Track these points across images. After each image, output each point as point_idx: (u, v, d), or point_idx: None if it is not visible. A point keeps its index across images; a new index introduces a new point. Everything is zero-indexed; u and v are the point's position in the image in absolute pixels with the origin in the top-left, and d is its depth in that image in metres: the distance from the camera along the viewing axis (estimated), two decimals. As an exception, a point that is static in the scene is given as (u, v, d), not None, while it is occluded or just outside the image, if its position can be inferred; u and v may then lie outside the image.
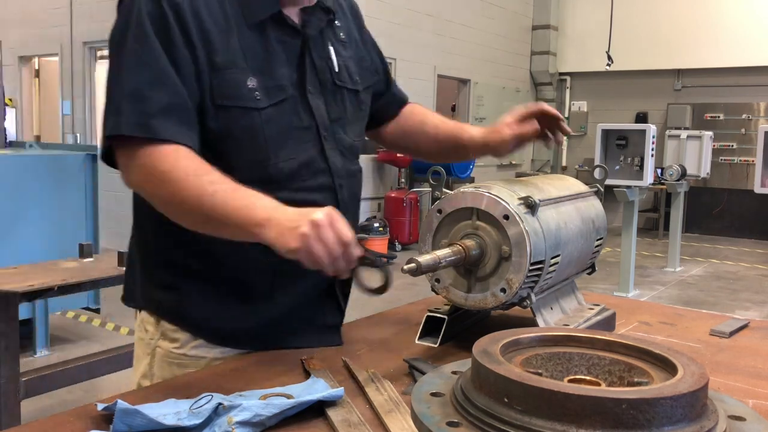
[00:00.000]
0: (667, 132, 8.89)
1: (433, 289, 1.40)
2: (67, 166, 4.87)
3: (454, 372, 0.84)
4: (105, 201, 6.83)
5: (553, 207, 1.43)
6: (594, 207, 1.60)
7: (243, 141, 1.32)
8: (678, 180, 7.92)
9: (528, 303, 1.35)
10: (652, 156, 6.78)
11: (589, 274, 1.67)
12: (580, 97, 12.86)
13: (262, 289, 1.39)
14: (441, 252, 1.26)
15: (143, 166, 1.23)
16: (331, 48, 1.47)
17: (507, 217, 1.29)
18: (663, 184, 8.57)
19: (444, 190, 1.41)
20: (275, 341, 1.42)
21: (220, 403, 1.01)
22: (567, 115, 12.90)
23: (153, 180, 1.23)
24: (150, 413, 0.99)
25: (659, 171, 8.60)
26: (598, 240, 1.59)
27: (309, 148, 1.39)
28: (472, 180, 9.60)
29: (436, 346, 1.42)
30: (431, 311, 1.46)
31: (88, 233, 4.90)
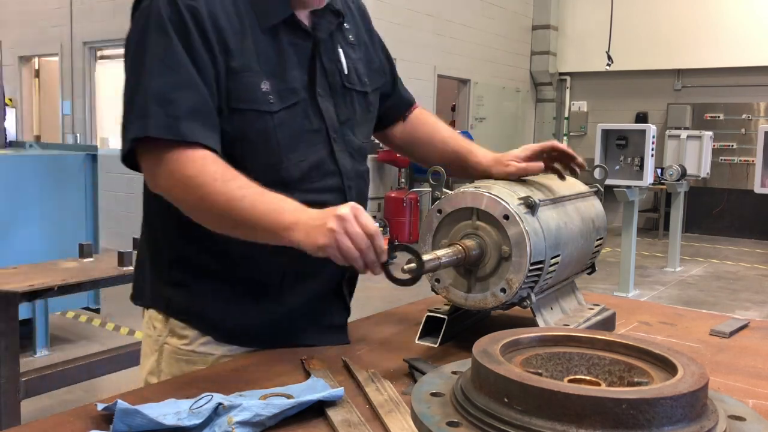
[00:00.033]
0: (667, 132, 8.88)
1: (433, 289, 1.40)
2: (67, 166, 4.87)
3: (454, 372, 0.84)
4: (105, 201, 6.83)
5: (553, 207, 1.43)
6: (594, 207, 1.60)
7: (256, 144, 1.33)
8: (678, 180, 7.92)
9: (528, 303, 1.35)
10: (652, 156, 6.77)
11: (589, 274, 1.67)
12: (580, 97, 12.85)
13: (272, 289, 1.41)
14: (441, 252, 1.26)
15: (171, 171, 1.24)
16: (341, 50, 1.48)
17: (507, 217, 1.29)
18: (663, 184, 8.57)
19: (444, 190, 1.41)
20: (284, 340, 1.43)
21: (220, 403, 1.01)
22: (567, 115, 12.89)
23: (181, 185, 1.24)
24: (150, 413, 0.99)
25: (659, 171, 8.59)
26: (598, 240, 1.59)
27: (319, 150, 1.40)
28: (472, 180, 9.58)
29: (436, 346, 1.42)
30: (431, 311, 1.46)
31: (88, 233, 4.90)
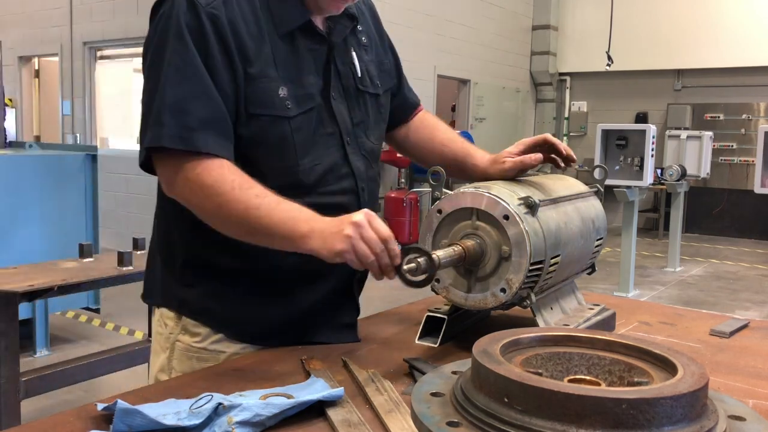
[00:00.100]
0: (667, 132, 8.88)
1: (433, 289, 1.40)
2: (67, 166, 4.87)
3: (454, 372, 0.84)
4: (105, 201, 6.83)
5: (553, 207, 1.43)
6: (594, 207, 1.60)
7: (273, 148, 1.34)
8: (678, 180, 7.92)
9: (528, 303, 1.35)
10: (652, 156, 6.77)
11: (589, 274, 1.67)
12: (580, 97, 12.84)
13: (286, 288, 1.42)
14: (441, 252, 1.26)
15: (189, 179, 1.25)
16: (354, 53, 1.48)
17: (507, 217, 1.29)
18: (663, 184, 8.56)
19: (444, 190, 1.41)
20: (296, 338, 1.44)
21: (220, 403, 1.01)
22: (567, 116, 12.89)
23: (199, 193, 1.26)
24: (150, 413, 0.99)
25: (659, 171, 8.59)
26: (598, 240, 1.59)
27: (333, 153, 1.41)
28: (471, 181, 9.57)
29: (436, 346, 1.42)
30: (431, 311, 1.46)
31: (88, 233, 4.90)
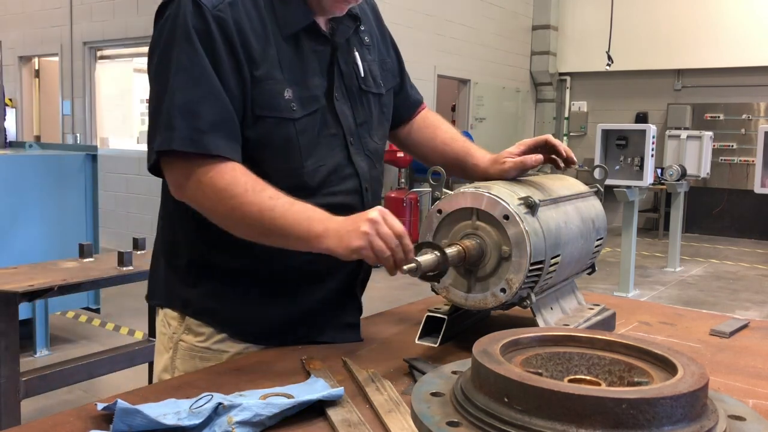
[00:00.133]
0: (667, 132, 8.88)
1: (433, 289, 1.40)
2: (67, 166, 4.87)
3: (454, 372, 0.84)
4: (105, 201, 6.83)
5: (553, 207, 1.43)
6: (594, 207, 1.60)
7: (278, 150, 1.34)
8: (678, 180, 7.91)
9: (528, 303, 1.35)
10: (652, 156, 6.77)
11: (589, 274, 1.67)
12: (580, 97, 12.84)
13: (290, 289, 1.42)
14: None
15: (201, 183, 1.26)
16: (357, 53, 1.49)
17: (507, 217, 1.29)
18: (663, 184, 8.56)
19: (444, 190, 1.41)
20: (298, 339, 1.44)
21: (220, 403, 1.01)
22: (567, 115, 12.88)
23: (212, 196, 1.26)
24: (150, 413, 0.99)
25: (659, 171, 8.59)
26: (598, 240, 1.59)
27: (336, 154, 1.42)
28: (472, 181, 9.57)
29: (436, 346, 1.42)
30: (431, 311, 1.46)
31: (88, 233, 4.89)
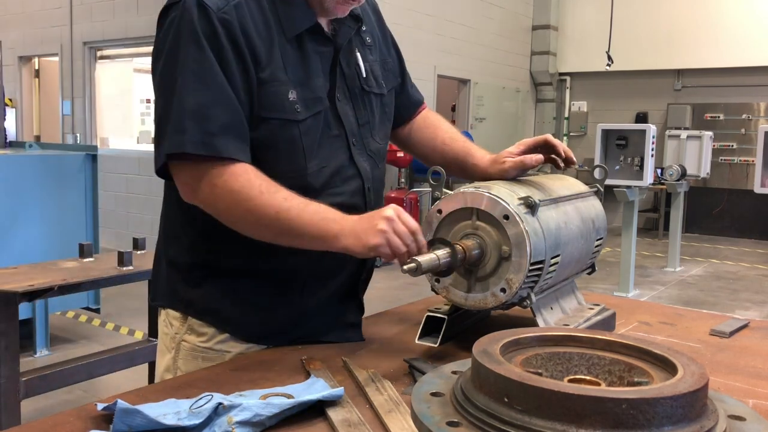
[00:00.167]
0: (667, 132, 8.87)
1: (433, 289, 1.40)
2: (67, 166, 4.87)
3: (454, 372, 0.84)
4: (105, 201, 6.83)
5: (553, 207, 1.43)
6: (594, 207, 1.60)
7: (282, 152, 1.35)
8: (678, 180, 7.91)
9: (528, 303, 1.35)
10: (652, 156, 6.77)
11: (589, 274, 1.67)
12: (580, 97, 12.83)
13: (293, 290, 1.42)
14: (441, 252, 1.26)
15: (216, 186, 1.26)
16: (359, 54, 1.49)
17: (507, 217, 1.29)
18: (663, 184, 8.55)
19: (444, 190, 1.41)
20: (301, 339, 1.45)
21: (220, 403, 1.01)
22: (567, 115, 12.88)
23: (228, 199, 1.26)
24: (150, 413, 0.99)
25: (659, 171, 8.59)
26: (598, 240, 1.59)
27: (339, 155, 1.42)
28: (472, 180, 9.57)
29: (436, 346, 1.42)
30: (431, 311, 1.46)
31: (88, 233, 4.89)
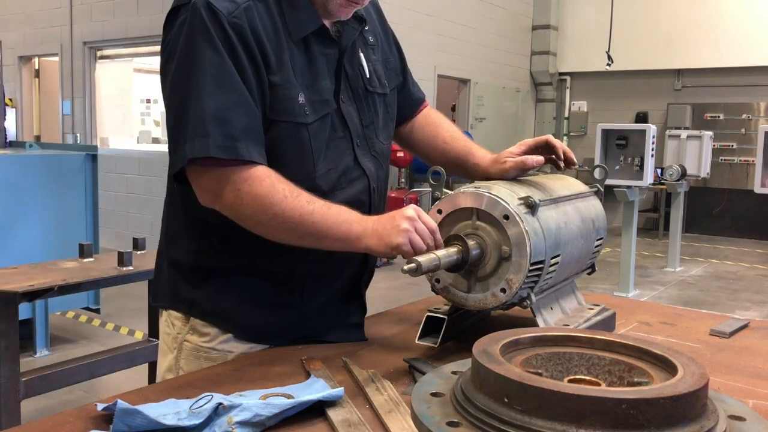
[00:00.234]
0: (667, 132, 8.87)
1: (433, 289, 1.40)
2: (67, 166, 4.87)
3: (454, 372, 0.84)
4: (105, 201, 6.83)
5: (553, 207, 1.43)
6: (594, 207, 1.60)
7: (291, 155, 1.35)
8: (678, 180, 7.91)
9: (528, 303, 1.35)
10: (652, 156, 6.77)
11: (589, 274, 1.67)
12: (580, 97, 12.83)
13: (295, 291, 1.43)
14: (441, 252, 1.26)
15: (240, 191, 1.26)
16: (362, 54, 1.49)
17: (507, 217, 1.29)
18: (663, 184, 8.55)
19: (444, 190, 1.41)
20: (303, 339, 1.45)
21: (220, 403, 1.01)
22: (567, 115, 12.88)
23: (253, 203, 1.26)
24: (150, 413, 0.99)
25: (659, 171, 8.59)
26: (598, 240, 1.59)
27: (345, 156, 1.42)
28: (472, 180, 9.57)
29: (436, 346, 1.42)
30: (431, 311, 1.46)
31: (88, 233, 4.89)
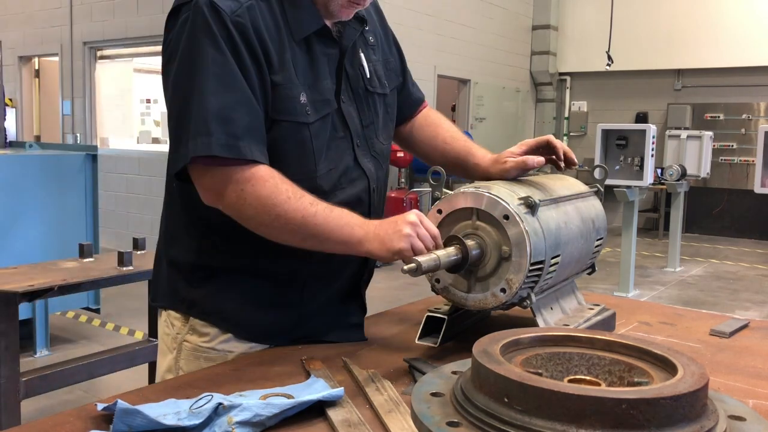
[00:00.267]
0: (667, 132, 8.87)
1: (433, 289, 1.40)
2: (67, 166, 4.87)
3: (454, 372, 0.84)
4: (105, 201, 6.83)
5: (553, 207, 1.43)
6: (594, 207, 1.60)
7: (293, 154, 1.35)
8: (678, 180, 7.91)
9: (528, 303, 1.35)
10: (652, 156, 6.77)
11: (589, 274, 1.67)
12: (580, 97, 12.83)
13: (296, 291, 1.43)
14: (441, 252, 1.26)
15: (243, 191, 1.26)
16: (362, 54, 1.49)
17: (507, 217, 1.29)
18: (663, 184, 8.55)
19: (444, 190, 1.41)
20: (304, 339, 1.45)
21: (220, 403, 1.01)
22: (567, 116, 12.88)
23: (256, 204, 1.26)
24: (150, 413, 0.99)
25: (659, 171, 8.59)
26: (598, 240, 1.59)
27: (345, 156, 1.43)
28: (472, 180, 9.57)
29: (436, 346, 1.42)
30: (431, 311, 1.46)
31: (88, 233, 4.89)
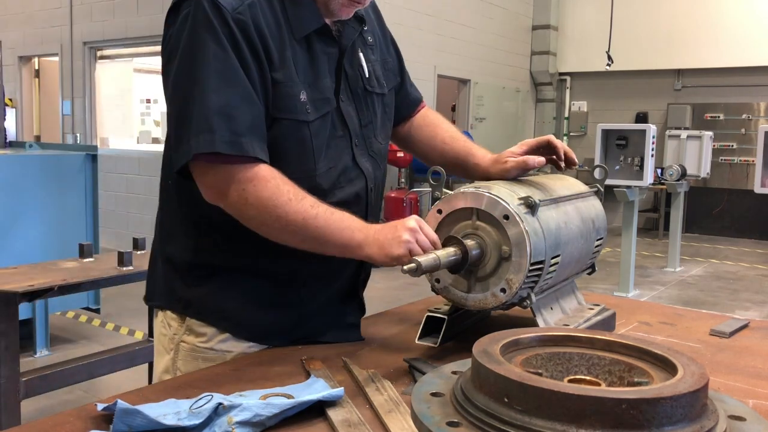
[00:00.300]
0: (667, 132, 8.88)
1: (433, 289, 1.40)
2: (67, 166, 4.87)
3: (454, 372, 0.84)
4: (105, 201, 6.83)
5: (553, 207, 1.43)
6: (594, 207, 1.60)
7: (293, 152, 1.35)
8: (678, 180, 7.91)
9: (528, 303, 1.35)
10: (652, 156, 6.77)
11: (589, 274, 1.67)
12: (580, 97, 12.84)
13: (294, 290, 1.43)
14: (441, 252, 1.26)
15: (245, 191, 1.26)
16: (361, 54, 1.49)
17: (507, 217, 1.29)
18: (663, 184, 8.56)
19: (444, 190, 1.41)
20: (302, 338, 1.45)
21: (220, 403, 1.01)
22: (567, 115, 12.88)
23: (257, 204, 1.26)
24: (150, 413, 0.99)
25: (659, 171, 8.59)
26: (598, 240, 1.59)
27: (344, 156, 1.43)
28: (472, 180, 9.56)
29: (436, 346, 1.42)
30: (431, 311, 1.46)
31: (88, 233, 4.89)
